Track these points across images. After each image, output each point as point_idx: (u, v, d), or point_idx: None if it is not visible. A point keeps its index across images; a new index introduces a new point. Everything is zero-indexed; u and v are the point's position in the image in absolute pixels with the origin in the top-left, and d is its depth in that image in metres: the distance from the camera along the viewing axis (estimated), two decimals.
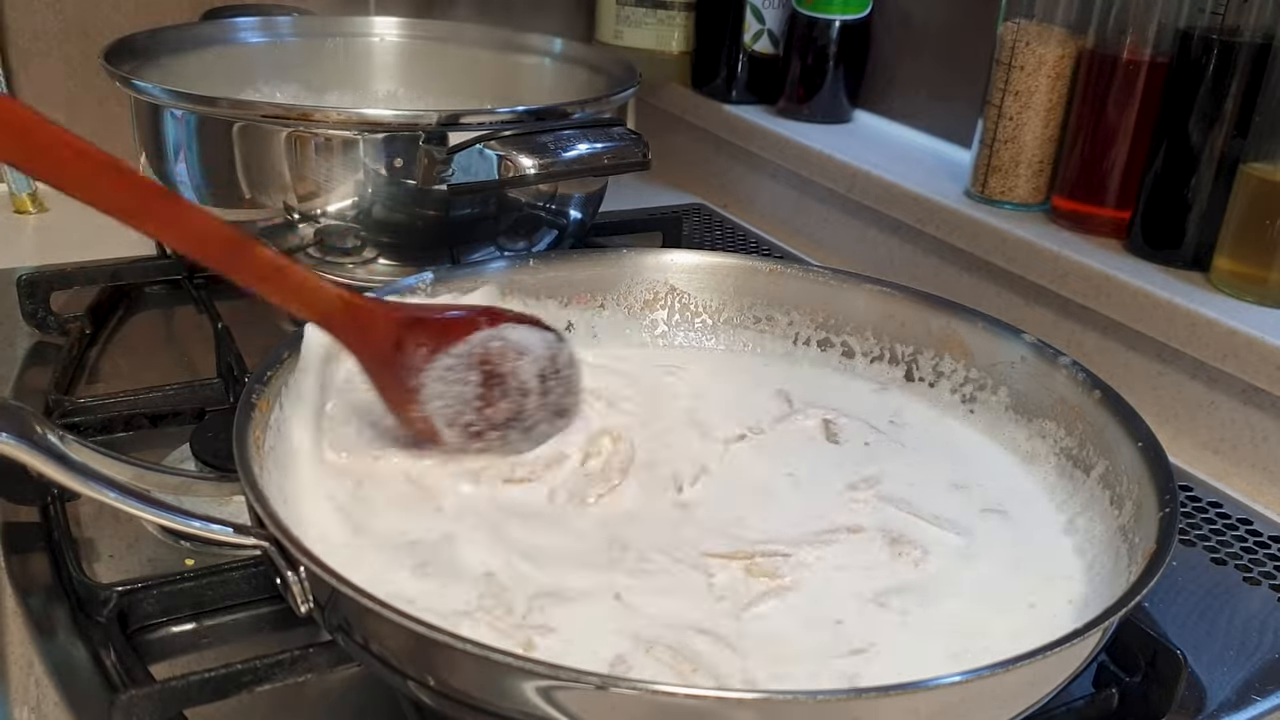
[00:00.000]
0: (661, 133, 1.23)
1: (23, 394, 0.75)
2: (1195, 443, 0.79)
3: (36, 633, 0.55)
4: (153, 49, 0.88)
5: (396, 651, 0.44)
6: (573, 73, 0.97)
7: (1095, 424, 0.60)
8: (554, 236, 0.84)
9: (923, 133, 1.10)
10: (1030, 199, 0.93)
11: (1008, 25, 0.91)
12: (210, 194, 0.78)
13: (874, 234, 1.04)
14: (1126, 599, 0.45)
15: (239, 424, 0.51)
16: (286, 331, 0.59)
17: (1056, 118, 0.90)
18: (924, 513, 0.58)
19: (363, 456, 0.57)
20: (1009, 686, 0.44)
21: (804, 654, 0.48)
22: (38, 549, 0.60)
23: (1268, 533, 0.71)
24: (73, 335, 0.82)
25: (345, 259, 0.77)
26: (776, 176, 1.15)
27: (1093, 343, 0.85)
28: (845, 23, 1.10)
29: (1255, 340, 0.74)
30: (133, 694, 0.48)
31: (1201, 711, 0.55)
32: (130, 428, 0.72)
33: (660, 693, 0.39)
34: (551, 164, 0.72)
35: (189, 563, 0.60)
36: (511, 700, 0.41)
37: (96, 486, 0.47)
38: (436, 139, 0.73)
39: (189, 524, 0.48)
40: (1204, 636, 0.60)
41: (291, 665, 0.50)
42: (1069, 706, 0.53)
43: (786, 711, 0.41)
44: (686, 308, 0.75)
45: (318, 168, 0.74)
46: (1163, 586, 0.57)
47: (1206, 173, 0.80)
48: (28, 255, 0.98)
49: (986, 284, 0.93)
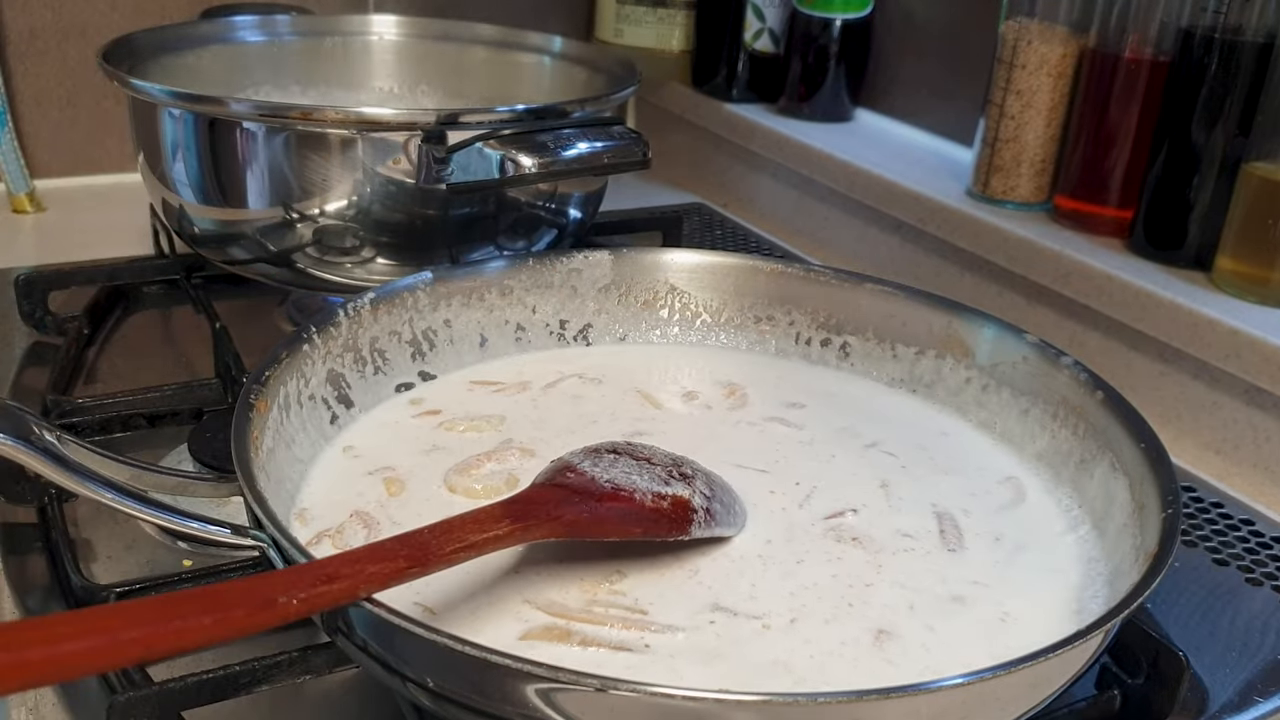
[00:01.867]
0: (662, 132, 1.23)
1: (20, 394, 0.75)
2: (1198, 443, 0.79)
3: None
4: (151, 48, 0.88)
5: (395, 653, 0.43)
6: (572, 71, 0.97)
7: (1097, 424, 0.60)
8: (554, 236, 0.84)
9: (924, 132, 1.10)
10: (1032, 198, 0.93)
11: (1009, 24, 0.90)
12: (209, 193, 0.77)
13: (875, 233, 1.04)
14: (1129, 600, 0.45)
15: (237, 424, 0.51)
16: (285, 331, 0.59)
17: (1058, 117, 0.90)
18: (919, 514, 0.58)
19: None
20: (1011, 688, 0.43)
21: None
22: (35, 549, 0.60)
23: (1270, 533, 0.70)
24: (70, 335, 0.82)
25: (344, 258, 0.77)
26: (777, 176, 1.15)
27: (1095, 343, 0.85)
28: (846, 21, 1.10)
29: (1258, 340, 0.73)
30: (130, 695, 0.47)
31: (1204, 713, 0.55)
32: (128, 428, 0.72)
33: (659, 694, 0.39)
34: (551, 163, 0.72)
35: (187, 564, 0.60)
36: (510, 702, 0.41)
37: (94, 487, 0.46)
38: (436, 138, 0.73)
39: (187, 524, 0.48)
40: (1206, 637, 0.60)
41: (290, 667, 0.50)
42: (1071, 708, 0.53)
43: (787, 713, 0.40)
44: (687, 308, 0.74)
45: (316, 167, 0.74)
46: (1165, 587, 0.57)
47: (1209, 172, 0.80)
48: (25, 255, 0.98)
49: (988, 284, 0.93)
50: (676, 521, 0.52)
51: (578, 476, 0.51)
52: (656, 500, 0.52)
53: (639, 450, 0.55)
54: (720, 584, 0.52)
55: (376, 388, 0.65)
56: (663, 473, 0.53)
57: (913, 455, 0.64)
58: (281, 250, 0.77)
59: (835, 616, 0.50)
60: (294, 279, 0.79)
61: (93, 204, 1.09)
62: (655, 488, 0.52)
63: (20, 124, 1.08)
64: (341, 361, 0.62)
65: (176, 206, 0.80)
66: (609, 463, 0.53)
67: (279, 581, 0.41)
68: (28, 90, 1.09)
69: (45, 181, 1.10)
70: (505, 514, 0.48)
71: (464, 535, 0.46)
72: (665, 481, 0.53)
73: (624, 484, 0.52)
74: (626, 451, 0.54)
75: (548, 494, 0.51)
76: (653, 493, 0.52)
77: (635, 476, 0.52)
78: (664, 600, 0.50)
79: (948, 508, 0.59)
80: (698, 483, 0.54)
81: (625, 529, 0.51)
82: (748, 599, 0.51)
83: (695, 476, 0.55)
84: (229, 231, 0.78)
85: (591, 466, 0.52)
